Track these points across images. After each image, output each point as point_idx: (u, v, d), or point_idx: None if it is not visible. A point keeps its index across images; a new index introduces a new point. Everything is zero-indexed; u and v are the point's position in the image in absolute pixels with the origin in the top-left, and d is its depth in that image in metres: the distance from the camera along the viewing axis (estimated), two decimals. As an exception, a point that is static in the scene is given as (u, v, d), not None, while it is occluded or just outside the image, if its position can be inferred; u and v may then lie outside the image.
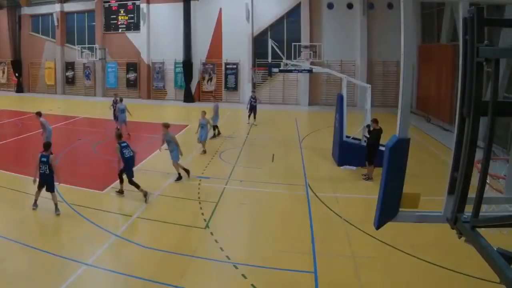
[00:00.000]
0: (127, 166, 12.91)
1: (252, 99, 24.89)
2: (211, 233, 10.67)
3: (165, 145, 14.78)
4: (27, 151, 18.44)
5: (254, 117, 24.88)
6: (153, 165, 16.91)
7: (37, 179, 11.31)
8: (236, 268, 8.90)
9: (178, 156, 14.48)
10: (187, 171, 14.69)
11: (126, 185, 13.12)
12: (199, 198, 13.24)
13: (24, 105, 34.96)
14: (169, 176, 15.22)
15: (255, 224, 11.81)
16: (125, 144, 13.10)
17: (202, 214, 11.94)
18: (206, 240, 10.39)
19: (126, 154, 12.88)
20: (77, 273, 8.68)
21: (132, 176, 12.73)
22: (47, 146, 11.61)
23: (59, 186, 12.87)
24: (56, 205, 11.35)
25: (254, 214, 12.47)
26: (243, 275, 8.59)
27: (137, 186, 12.74)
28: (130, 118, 22.18)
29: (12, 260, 9.29)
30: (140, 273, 8.74)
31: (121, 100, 22.12)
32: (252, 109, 24.84)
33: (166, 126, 14.90)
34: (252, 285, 8.19)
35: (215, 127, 21.56)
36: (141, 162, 16.69)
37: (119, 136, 13.49)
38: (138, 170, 15.15)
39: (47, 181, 11.34)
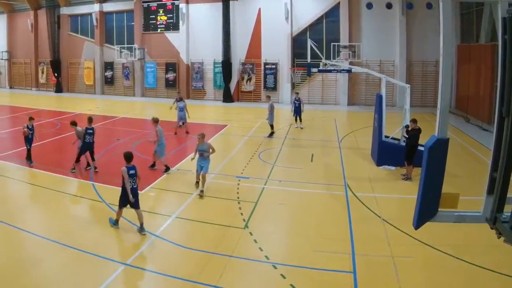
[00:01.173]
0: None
1: (296, 101, 25.54)
2: (250, 233, 11.09)
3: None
4: (65, 152, 19.46)
5: (300, 120, 25.49)
6: (192, 166, 16.59)
7: (130, 195, 10.71)
8: (275, 268, 9.27)
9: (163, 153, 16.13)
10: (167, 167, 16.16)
11: (166, 186, 14.64)
12: (238, 198, 13.77)
13: (63, 105, 37.48)
14: (208, 176, 15.17)
15: (294, 224, 12.24)
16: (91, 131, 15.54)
17: (241, 214, 12.42)
18: (245, 240, 10.74)
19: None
20: (116, 273, 9.13)
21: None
22: (129, 157, 10.98)
23: (97, 186, 14.25)
24: (142, 224, 10.81)
25: (293, 214, 12.88)
26: (282, 275, 8.97)
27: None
28: (188, 118, 24.11)
29: (51, 260, 9.74)
30: (179, 273, 9.14)
31: (181, 99, 24.62)
32: (297, 111, 25.39)
33: (156, 121, 16.21)
34: (291, 285, 8.55)
35: (271, 126, 22.83)
36: (180, 162, 17.86)
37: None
38: (176, 169, 16.87)
39: (135, 196, 10.82)
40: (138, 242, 10.56)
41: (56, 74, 46.66)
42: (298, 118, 25.42)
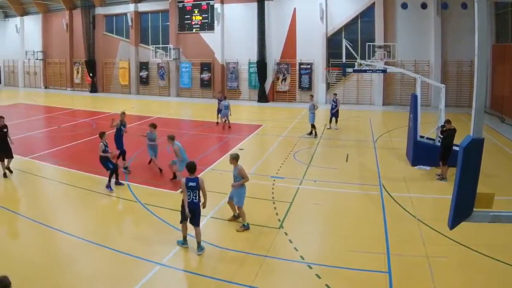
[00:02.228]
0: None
1: (333, 102, 26.13)
2: (285, 233, 11.43)
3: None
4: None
5: (336, 121, 26.25)
6: (226, 166, 16.28)
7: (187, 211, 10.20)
8: (310, 268, 9.56)
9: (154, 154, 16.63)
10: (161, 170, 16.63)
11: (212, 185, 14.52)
12: (273, 198, 14.19)
13: (98, 105, 39.60)
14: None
15: (329, 224, 12.55)
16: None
17: (276, 214, 12.82)
18: (280, 240, 11.05)
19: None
20: (151, 273, 9.45)
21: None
22: (191, 168, 10.54)
23: (132, 186, 14.90)
24: (199, 243, 10.40)
25: (328, 214, 13.18)
26: (317, 275, 9.24)
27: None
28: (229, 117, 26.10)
29: (86, 261, 10.08)
30: (214, 273, 9.51)
31: (224, 98, 26.83)
32: (333, 113, 26.03)
33: (171, 138, 15.22)
34: (326, 285, 8.81)
35: (312, 126, 23.72)
36: (215, 162, 18.48)
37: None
38: (211, 170, 17.41)
39: (195, 211, 10.32)
40: (173, 242, 10.83)
41: (91, 74, 49.53)
42: (334, 119, 26.20)
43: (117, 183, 15.30)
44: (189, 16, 43.83)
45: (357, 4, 36.89)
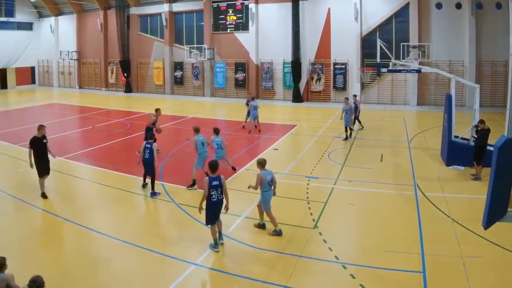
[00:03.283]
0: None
1: (354, 104, 26.71)
2: (320, 233, 11.86)
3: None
4: (134, 152, 20.20)
5: (359, 122, 27.30)
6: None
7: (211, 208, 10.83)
8: (345, 268, 9.89)
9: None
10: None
11: (235, 186, 14.98)
12: (307, 198, 14.73)
13: (133, 105, 41.58)
14: (277, 176, 14.85)
15: (363, 224, 13.03)
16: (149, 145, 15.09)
17: (311, 214, 13.26)
18: (314, 240, 11.45)
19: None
20: (186, 273, 9.84)
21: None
22: (214, 166, 11.07)
23: (166, 186, 15.53)
24: (220, 232, 11.23)
25: (362, 214, 13.68)
26: (351, 275, 9.56)
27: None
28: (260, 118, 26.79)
29: (121, 260, 10.53)
30: (248, 273, 9.80)
31: (253, 99, 27.63)
32: (356, 115, 26.83)
33: (195, 130, 16.26)
34: (360, 285, 9.13)
35: (356, 119, 25.53)
36: (249, 162, 19.18)
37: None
38: (246, 170, 18.18)
39: (219, 208, 10.94)
40: (207, 242, 11.13)
41: (125, 74, 52.27)
42: (356, 121, 27.02)
43: (148, 186, 15.64)
44: (223, 16, 45.81)
45: (392, 4, 38.27)
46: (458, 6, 36.20)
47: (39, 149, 14.95)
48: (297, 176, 17.45)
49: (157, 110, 20.25)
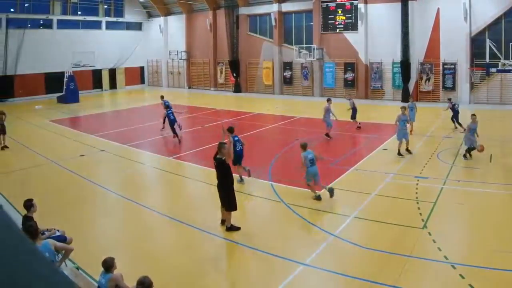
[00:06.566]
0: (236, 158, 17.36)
1: (455, 105, 28.96)
2: (429, 233, 12.68)
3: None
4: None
5: (460, 125, 28.74)
6: (370, 165, 20.31)
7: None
8: (454, 268, 10.64)
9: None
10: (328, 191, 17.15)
11: (345, 185, 17.26)
12: (416, 198, 15.92)
13: (242, 105, 46.43)
14: (386, 176, 18.51)
15: (473, 224, 13.92)
16: (237, 138, 17.43)
17: (420, 214, 14.31)
18: (423, 240, 12.30)
19: (237, 147, 17.46)
20: (295, 273, 10.75)
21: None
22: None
23: (275, 186, 17.37)
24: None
25: (472, 214, 14.63)
26: (460, 275, 10.26)
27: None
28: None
29: (230, 260, 11.82)
30: (358, 273, 10.70)
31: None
32: (455, 115, 29.25)
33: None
34: (470, 285, 9.81)
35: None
36: (359, 162, 21.10)
37: (229, 130, 17.73)
38: (355, 169, 19.95)
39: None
40: (316, 242, 12.28)
41: (234, 74, 59.41)
42: (456, 122, 29.45)
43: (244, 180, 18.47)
44: (332, 16, 51.02)
45: (501, 4, 40.60)
46: None
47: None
48: (407, 176, 19.12)
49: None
